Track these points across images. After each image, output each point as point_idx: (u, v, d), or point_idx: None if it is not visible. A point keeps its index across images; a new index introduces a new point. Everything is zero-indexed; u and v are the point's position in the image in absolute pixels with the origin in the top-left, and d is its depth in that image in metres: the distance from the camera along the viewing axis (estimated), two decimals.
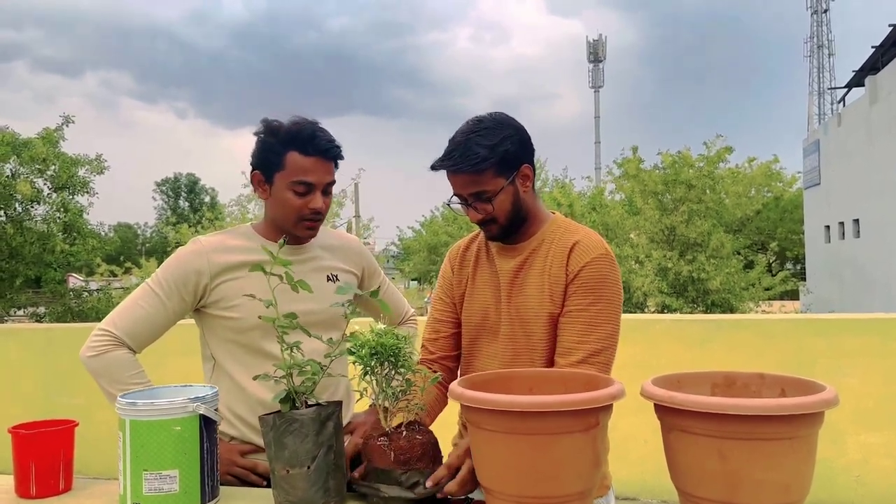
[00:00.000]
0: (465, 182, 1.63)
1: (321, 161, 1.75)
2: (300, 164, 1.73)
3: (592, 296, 1.63)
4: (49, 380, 5.39)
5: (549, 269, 1.67)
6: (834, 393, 1.12)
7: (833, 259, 25.16)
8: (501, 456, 1.19)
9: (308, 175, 1.74)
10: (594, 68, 61.52)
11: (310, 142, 1.73)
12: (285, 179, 1.74)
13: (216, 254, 1.77)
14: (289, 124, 1.76)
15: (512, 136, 1.64)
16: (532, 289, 1.68)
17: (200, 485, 1.40)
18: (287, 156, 1.73)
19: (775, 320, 4.81)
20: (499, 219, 1.66)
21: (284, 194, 1.75)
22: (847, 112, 25.01)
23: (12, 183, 11.33)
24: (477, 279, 1.80)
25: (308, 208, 1.75)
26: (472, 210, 1.67)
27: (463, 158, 1.59)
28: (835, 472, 4.03)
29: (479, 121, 1.65)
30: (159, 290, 1.75)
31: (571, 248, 1.67)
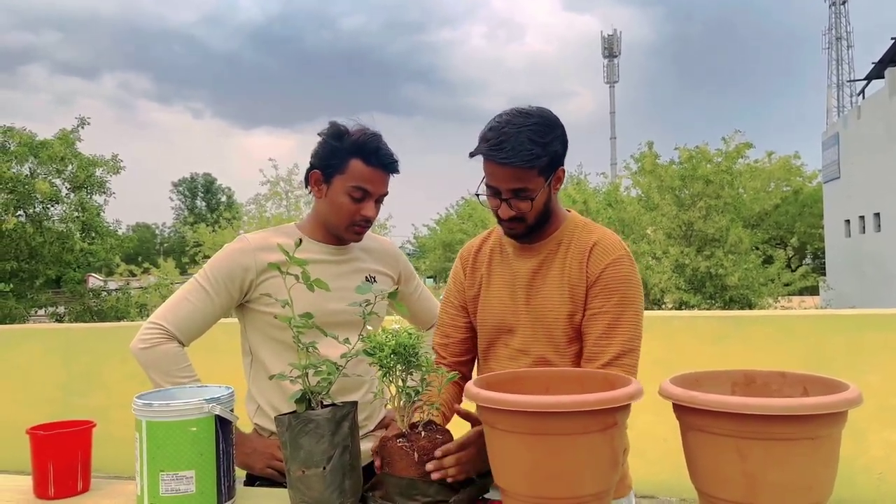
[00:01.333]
0: (509, 176, 1.56)
1: (381, 173, 1.83)
2: (362, 172, 1.80)
3: (614, 298, 1.60)
4: (68, 380, 5.45)
5: (569, 270, 1.65)
6: (857, 392, 1.10)
7: (853, 254, 24.86)
8: (518, 456, 1.18)
9: (367, 183, 1.81)
10: (609, 64, 61.21)
11: (374, 153, 1.80)
12: (344, 183, 1.80)
13: (262, 252, 1.82)
14: (356, 132, 1.82)
15: (560, 137, 1.59)
16: (551, 289, 1.66)
17: (217, 485, 1.40)
18: (351, 162, 1.80)
19: (794, 316, 4.75)
20: (528, 219, 1.62)
21: (341, 198, 1.81)
22: (867, 105, 24.70)
23: (31, 182, 11.46)
24: (493, 280, 1.76)
25: (360, 214, 1.82)
26: (505, 205, 1.60)
27: (515, 153, 1.52)
28: (856, 470, 3.98)
29: (528, 114, 1.57)
30: (207, 285, 1.80)
31: (591, 248, 1.64)
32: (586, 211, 17.01)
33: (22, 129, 11.97)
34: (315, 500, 1.32)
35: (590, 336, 1.61)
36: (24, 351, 5.62)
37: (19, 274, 11.74)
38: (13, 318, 11.25)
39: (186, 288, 1.83)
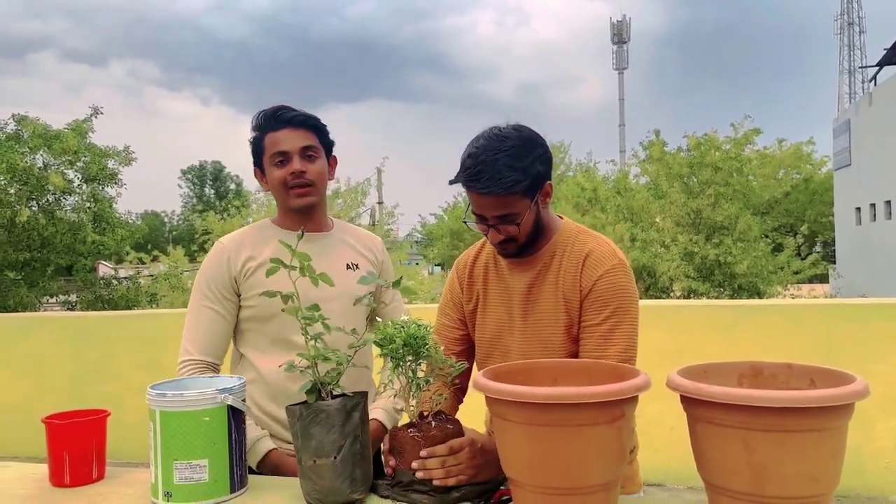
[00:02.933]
0: (491, 204, 1.54)
1: (290, 129, 1.85)
2: (274, 139, 1.85)
3: (608, 309, 1.59)
4: (81, 367, 5.50)
5: (563, 283, 1.63)
6: (864, 384, 1.10)
7: (864, 242, 24.72)
8: (526, 447, 1.19)
9: (280, 145, 1.84)
10: (618, 50, 60.80)
11: (275, 117, 1.85)
12: (268, 159, 1.86)
13: (237, 251, 1.86)
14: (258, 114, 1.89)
15: (541, 156, 1.56)
16: (546, 304, 1.65)
17: (229, 474, 1.42)
18: (265, 138, 1.86)
19: (803, 305, 4.75)
20: (519, 239, 1.60)
21: (270, 172, 1.86)
22: (878, 91, 24.47)
23: (45, 174, 11.52)
24: (489, 296, 1.74)
25: (289, 174, 1.83)
26: (493, 230, 1.59)
27: (493, 181, 1.49)
28: (864, 459, 3.99)
29: (505, 137, 1.54)
30: (206, 301, 1.84)
31: (584, 260, 1.62)
32: (595, 199, 16.97)
33: (35, 119, 12.02)
34: (326, 490, 1.34)
35: (585, 348, 1.60)
36: (37, 339, 5.67)
37: (31, 263, 11.83)
38: (24, 306, 11.35)
39: (192, 313, 1.86)
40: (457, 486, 1.38)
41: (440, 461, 1.36)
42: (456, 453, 1.38)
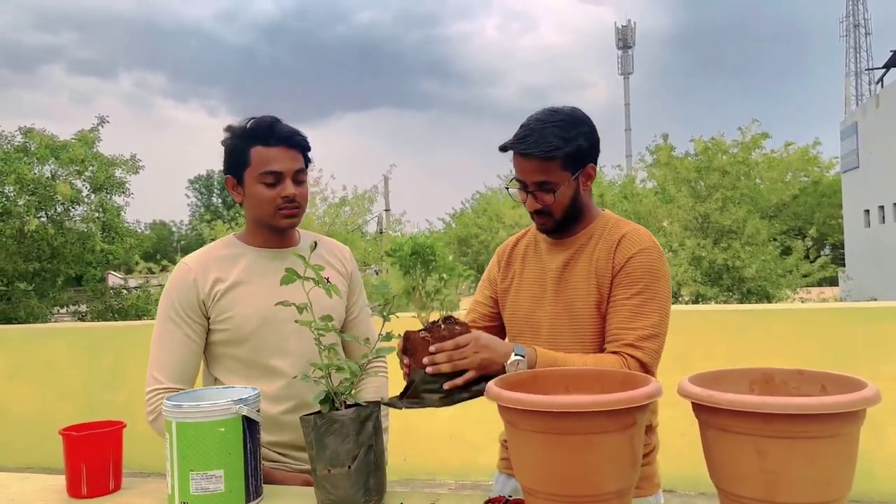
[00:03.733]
0: (532, 168, 1.64)
1: (285, 149, 1.78)
2: (265, 156, 1.76)
3: (639, 285, 1.62)
4: (94, 377, 5.54)
5: (596, 261, 1.68)
6: (875, 390, 1.11)
7: (873, 244, 24.61)
8: (539, 456, 1.20)
9: (274, 164, 1.75)
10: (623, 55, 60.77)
11: (270, 133, 1.77)
12: (253, 174, 1.76)
13: (204, 272, 1.79)
14: (246, 122, 1.80)
15: (586, 133, 1.66)
16: (578, 281, 1.69)
17: (245, 484, 1.43)
18: (251, 151, 1.76)
19: (813, 309, 4.74)
20: (555, 212, 1.68)
21: (255, 189, 1.77)
22: (885, 93, 24.41)
23: (53, 184, 11.59)
24: (525, 275, 1.81)
25: (280, 197, 1.76)
26: (531, 198, 1.68)
27: (536, 144, 1.61)
28: (875, 463, 3.97)
29: (555, 111, 1.67)
30: (172, 324, 1.77)
31: (619, 240, 1.68)
32: (602, 203, 16.96)
33: (42, 131, 12.11)
34: (341, 499, 1.35)
35: (612, 322, 1.63)
36: (49, 349, 5.71)
37: (41, 273, 11.89)
38: (35, 316, 11.41)
39: (158, 338, 1.79)
40: (465, 384, 1.45)
41: (447, 356, 1.44)
42: (462, 348, 1.45)
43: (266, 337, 1.78)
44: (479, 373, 1.46)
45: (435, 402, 1.45)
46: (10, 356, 5.77)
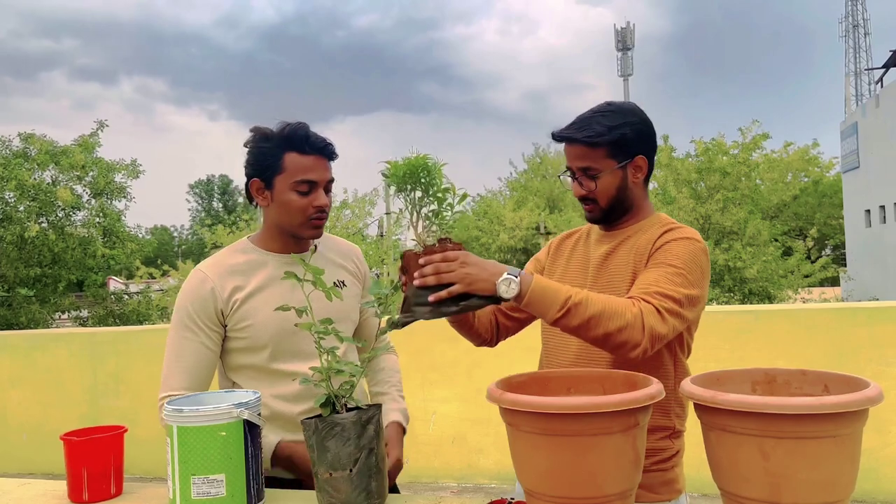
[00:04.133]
0: (576, 154, 1.68)
1: (319, 159, 1.77)
2: (300, 164, 1.74)
3: (672, 258, 1.58)
4: (96, 383, 5.54)
5: (637, 249, 1.67)
6: (878, 390, 1.10)
7: (874, 244, 24.59)
8: (541, 458, 1.20)
9: (309, 173, 1.75)
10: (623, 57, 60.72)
11: (306, 141, 1.75)
12: (287, 181, 1.74)
13: (221, 280, 1.77)
14: (281, 128, 1.77)
15: (634, 124, 1.67)
16: (619, 266, 1.68)
17: (246, 488, 1.43)
18: (286, 157, 1.74)
19: (815, 310, 4.73)
20: (600, 199, 1.69)
21: (288, 196, 1.75)
22: (885, 93, 24.41)
23: (53, 190, 11.60)
24: (571, 263, 1.82)
25: (313, 206, 1.76)
26: (576, 184, 1.71)
27: (580, 130, 1.65)
28: (880, 462, 3.96)
29: (609, 104, 1.71)
30: (188, 332, 1.75)
31: (665, 230, 1.67)
32: None
33: (42, 136, 12.12)
34: (342, 502, 1.35)
35: (642, 277, 1.58)
36: (52, 355, 5.72)
37: (42, 279, 11.89)
38: (37, 322, 11.41)
39: (172, 346, 1.77)
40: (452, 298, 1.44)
41: (434, 267, 1.44)
42: (449, 262, 1.45)
43: (284, 342, 1.78)
44: (465, 288, 1.44)
45: (425, 315, 1.45)
46: (11, 362, 5.78)
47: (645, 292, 1.52)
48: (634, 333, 1.45)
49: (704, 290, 1.63)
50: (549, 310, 1.46)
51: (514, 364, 1.82)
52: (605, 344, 1.48)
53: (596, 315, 1.44)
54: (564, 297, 1.45)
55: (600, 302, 1.47)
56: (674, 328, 1.52)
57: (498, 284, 1.44)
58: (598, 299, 1.47)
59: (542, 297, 1.45)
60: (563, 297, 1.45)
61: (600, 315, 1.45)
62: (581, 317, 1.44)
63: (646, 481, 1.63)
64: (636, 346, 1.46)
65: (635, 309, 1.47)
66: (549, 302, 1.45)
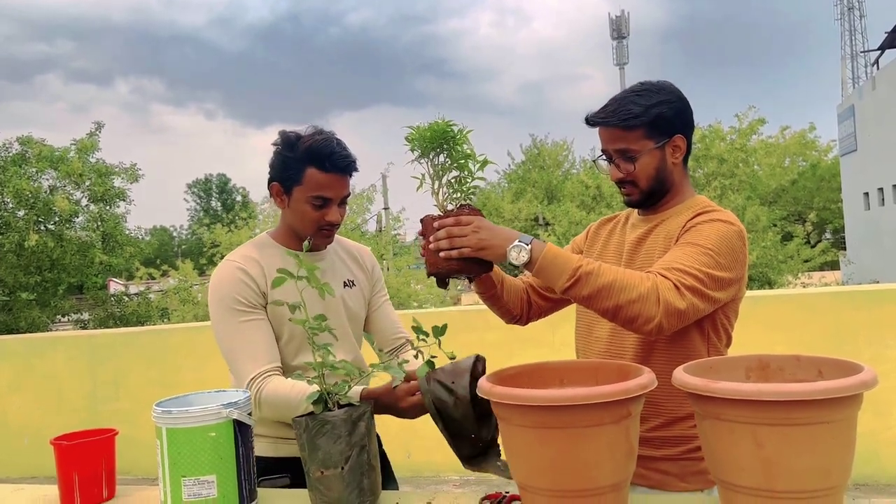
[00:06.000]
0: (612, 137, 1.64)
1: (338, 177, 1.81)
2: (318, 181, 1.78)
3: (700, 238, 1.52)
4: (96, 386, 5.53)
5: (669, 233, 1.64)
6: (872, 374, 1.09)
7: (873, 227, 24.56)
8: (533, 451, 1.18)
9: (326, 191, 1.80)
10: (618, 45, 60.50)
11: (328, 159, 1.78)
12: (304, 194, 1.80)
13: (257, 268, 1.81)
14: (307, 139, 1.79)
15: (671, 102, 1.63)
16: (651, 253, 1.65)
17: (238, 489, 1.41)
18: (306, 172, 1.78)
19: (815, 294, 4.72)
20: (640, 182, 1.64)
21: (302, 207, 1.81)
22: (881, 75, 24.34)
23: (51, 199, 11.57)
24: (608, 246, 1.80)
25: (325, 220, 1.83)
26: (613, 167, 1.66)
27: (614, 113, 1.61)
28: (880, 446, 3.96)
29: (643, 83, 1.67)
30: (241, 315, 1.76)
31: (699, 213, 1.62)
32: (600, 195, 16.93)
33: (40, 141, 12.08)
34: (334, 501, 1.33)
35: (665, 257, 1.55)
36: (51, 359, 5.71)
37: (43, 284, 11.88)
38: (37, 326, 11.40)
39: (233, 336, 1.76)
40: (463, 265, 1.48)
41: (446, 231, 1.47)
42: (462, 226, 1.46)
43: (294, 336, 1.82)
44: (476, 253, 1.46)
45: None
46: (11, 367, 5.76)
47: (663, 268, 1.48)
48: (648, 307, 1.41)
49: (738, 273, 1.56)
50: (559, 278, 1.43)
51: (513, 357, 1.80)
52: (616, 316, 1.45)
53: (606, 285, 1.41)
54: (575, 265, 1.43)
55: (612, 273, 1.44)
56: (694, 306, 1.45)
57: (509, 251, 1.44)
58: (611, 270, 1.44)
59: (553, 264, 1.43)
60: (574, 265, 1.43)
61: (611, 286, 1.41)
62: (591, 286, 1.42)
63: (676, 470, 1.61)
64: (650, 321, 1.42)
65: (649, 282, 1.43)
66: (560, 270, 1.43)
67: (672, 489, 1.59)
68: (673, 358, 1.53)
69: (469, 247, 1.45)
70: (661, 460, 1.62)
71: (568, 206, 16.49)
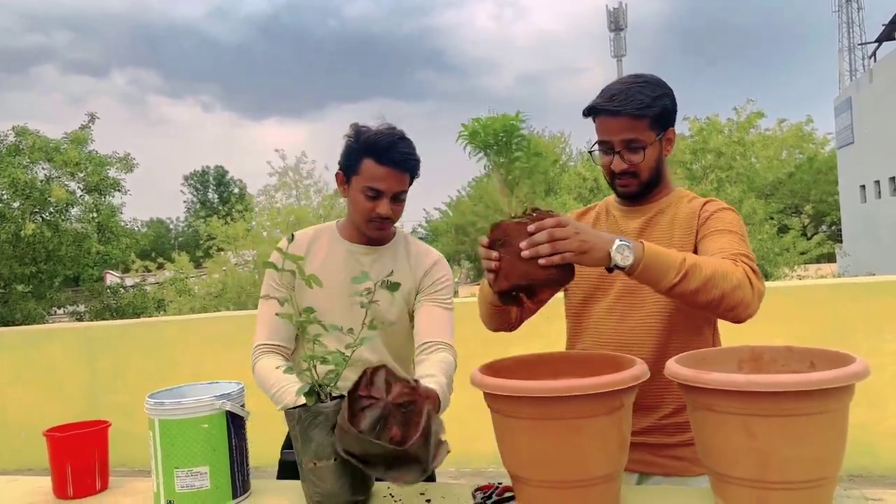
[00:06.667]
0: (621, 127, 1.61)
1: (394, 171, 1.83)
2: (373, 172, 1.82)
3: (730, 226, 1.58)
4: (94, 378, 5.52)
5: (679, 221, 1.65)
6: (864, 365, 1.09)
7: (870, 219, 24.58)
8: (526, 442, 1.18)
9: (378, 183, 1.83)
10: (615, 37, 60.45)
11: (385, 152, 1.82)
12: (359, 183, 1.85)
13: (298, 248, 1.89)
14: (371, 132, 1.85)
15: (670, 96, 1.65)
16: (660, 236, 1.65)
17: (231, 480, 1.41)
18: (363, 162, 1.83)
19: (812, 286, 4.72)
20: (642, 173, 1.64)
21: (357, 196, 1.87)
22: (878, 67, 24.32)
23: (47, 188, 11.54)
24: None
25: (375, 212, 1.85)
26: (617, 158, 1.63)
27: (626, 101, 1.59)
28: (876, 437, 3.97)
29: (639, 75, 1.66)
30: (271, 292, 1.86)
31: (706, 202, 1.66)
32: (597, 188, 16.93)
33: (36, 132, 12.04)
34: (327, 492, 1.33)
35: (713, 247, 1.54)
36: (48, 351, 5.69)
37: (38, 275, 11.87)
38: (33, 318, 11.39)
39: (260, 309, 1.91)
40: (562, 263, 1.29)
41: (548, 233, 1.27)
42: (563, 227, 1.29)
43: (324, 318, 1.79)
44: (578, 257, 1.30)
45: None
46: (8, 360, 5.75)
47: (732, 254, 1.47)
48: (746, 292, 1.40)
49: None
50: (666, 276, 1.35)
51: (509, 349, 1.79)
52: (718, 307, 1.39)
53: (711, 276, 1.37)
54: (679, 259, 1.36)
55: (710, 263, 1.40)
56: (764, 287, 1.47)
57: (613, 253, 1.33)
58: (707, 261, 1.40)
59: (657, 262, 1.35)
60: (678, 259, 1.36)
61: (713, 275, 1.37)
62: (698, 279, 1.35)
63: (692, 454, 1.59)
64: (749, 305, 1.41)
65: (740, 269, 1.41)
66: (666, 267, 1.35)
67: (689, 474, 1.59)
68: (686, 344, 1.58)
69: (572, 250, 1.29)
70: (676, 447, 1.62)
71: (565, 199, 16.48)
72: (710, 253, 1.52)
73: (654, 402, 1.62)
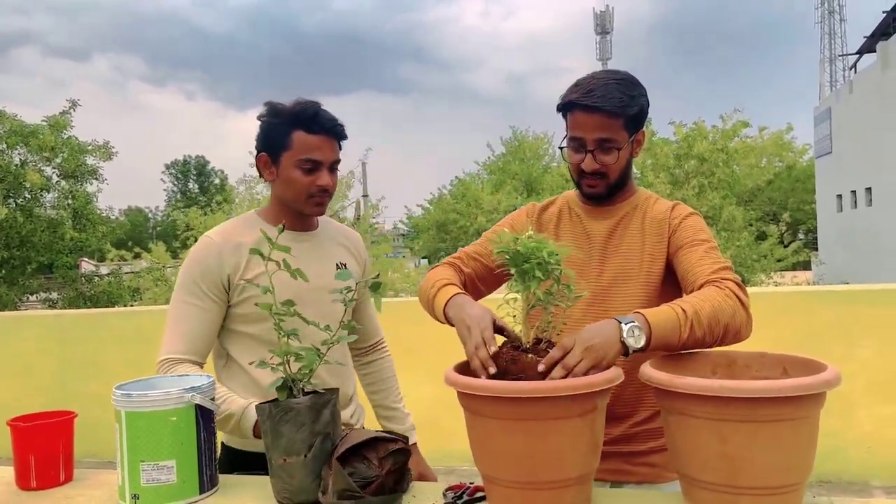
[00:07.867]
0: (597, 124, 1.55)
1: (326, 139, 1.77)
2: (307, 142, 1.74)
3: (700, 234, 1.56)
4: (66, 366, 5.43)
5: (649, 226, 1.62)
6: (836, 372, 1.09)
7: (846, 229, 24.94)
8: (499, 442, 1.17)
9: (314, 152, 1.75)
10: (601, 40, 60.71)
11: (314, 120, 1.75)
12: (292, 158, 1.75)
13: (231, 250, 1.75)
14: (292, 104, 1.77)
15: (645, 95, 1.61)
16: (632, 241, 1.62)
17: (199, 475, 1.39)
18: (293, 135, 1.75)
19: (787, 293, 4.76)
20: (611, 174, 1.60)
21: (292, 173, 1.76)
22: (859, 79, 24.66)
23: (22, 172, 11.36)
24: (562, 237, 1.70)
25: (316, 185, 1.76)
26: (589, 157, 1.57)
27: (604, 98, 1.52)
28: (846, 443, 4.01)
29: (615, 72, 1.61)
30: (194, 298, 1.73)
31: (672, 207, 1.64)
32: None
33: (13, 116, 11.84)
34: (296, 489, 1.31)
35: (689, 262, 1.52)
36: (19, 338, 5.60)
37: (11, 261, 11.68)
38: (4, 304, 11.22)
39: (175, 312, 1.75)
40: None
41: (562, 368, 1.21)
42: (569, 350, 1.24)
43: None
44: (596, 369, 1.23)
45: None
46: None
47: (711, 272, 1.46)
48: (742, 314, 1.38)
49: None
50: (674, 335, 1.30)
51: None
52: (725, 339, 1.37)
53: (711, 315, 1.33)
54: (678, 313, 1.32)
55: (704, 302, 1.36)
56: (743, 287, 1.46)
57: (626, 341, 1.27)
58: (696, 300, 1.36)
59: (664, 327, 1.30)
60: (678, 314, 1.32)
61: (713, 313, 1.33)
62: (702, 324, 1.32)
63: (664, 461, 1.57)
64: (748, 325, 1.40)
65: (725, 292, 1.39)
66: (672, 327, 1.30)
67: (661, 480, 1.58)
68: None
69: (593, 367, 1.23)
70: (648, 454, 1.59)
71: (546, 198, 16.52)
72: (691, 272, 1.50)
73: (626, 411, 1.60)
